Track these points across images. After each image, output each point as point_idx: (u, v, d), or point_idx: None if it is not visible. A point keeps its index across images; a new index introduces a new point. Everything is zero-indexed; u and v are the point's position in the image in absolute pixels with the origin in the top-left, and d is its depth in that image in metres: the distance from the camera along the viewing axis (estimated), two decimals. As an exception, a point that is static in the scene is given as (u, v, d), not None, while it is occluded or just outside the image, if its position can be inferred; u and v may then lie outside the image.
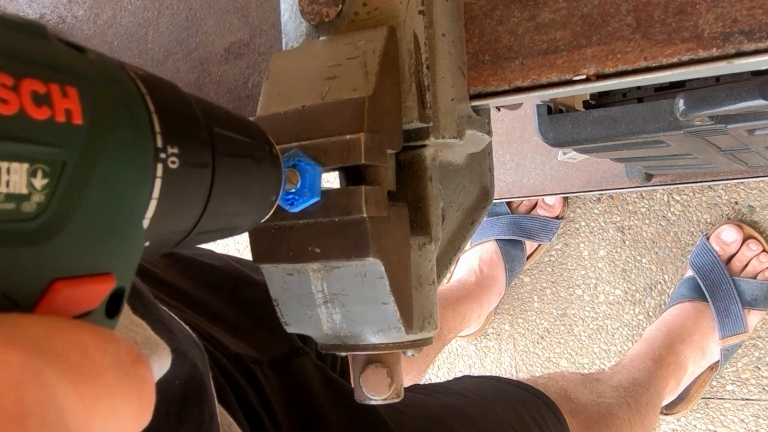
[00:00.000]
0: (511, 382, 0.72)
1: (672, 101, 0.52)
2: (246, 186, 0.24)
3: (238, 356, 0.49)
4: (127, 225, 0.18)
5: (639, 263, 1.14)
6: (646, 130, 0.54)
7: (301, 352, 0.53)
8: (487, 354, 1.27)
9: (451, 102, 0.36)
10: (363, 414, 0.51)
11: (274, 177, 0.26)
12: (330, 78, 0.34)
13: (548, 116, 0.58)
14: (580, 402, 0.77)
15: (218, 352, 0.48)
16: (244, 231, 0.26)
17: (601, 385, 0.85)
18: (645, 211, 1.13)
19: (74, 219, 0.16)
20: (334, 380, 0.53)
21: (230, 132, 0.23)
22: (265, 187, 0.25)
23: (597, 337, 1.18)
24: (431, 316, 0.36)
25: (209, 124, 0.22)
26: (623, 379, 0.90)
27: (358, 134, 0.31)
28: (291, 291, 0.35)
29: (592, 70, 0.34)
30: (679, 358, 1.00)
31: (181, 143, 0.19)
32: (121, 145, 0.17)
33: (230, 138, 0.23)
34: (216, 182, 0.21)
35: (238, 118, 0.24)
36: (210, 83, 0.47)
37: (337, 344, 0.36)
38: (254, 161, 0.24)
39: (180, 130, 0.20)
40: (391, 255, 0.33)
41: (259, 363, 0.50)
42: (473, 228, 0.44)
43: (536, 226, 1.16)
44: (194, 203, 0.21)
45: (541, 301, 1.22)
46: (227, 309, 0.55)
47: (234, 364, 0.48)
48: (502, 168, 1.04)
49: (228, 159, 0.22)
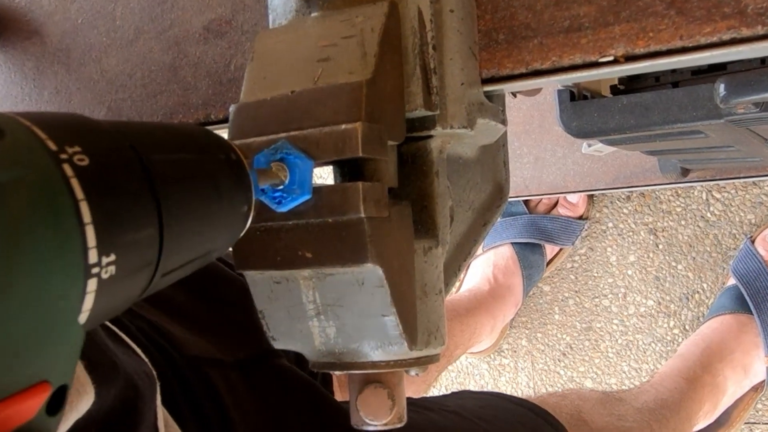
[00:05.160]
0: (515, 401, 0.72)
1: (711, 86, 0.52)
2: (204, 208, 0.23)
3: (196, 359, 0.50)
4: (59, 330, 0.18)
5: (674, 270, 1.14)
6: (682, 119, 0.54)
7: (274, 355, 0.54)
8: (501, 373, 1.27)
9: (460, 87, 0.36)
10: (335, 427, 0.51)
11: (238, 187, 0.25)
12: (323, 60, 0.34)
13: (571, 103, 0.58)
14: (595, 425, 0.76)
15: (176, 354, 0.49)
16: (221, 253, 0.26)
17: (624, 405, 0.85)
18: (681, 211, 1.13)
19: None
20: (311, 388, 0.53)
21: (168, 154, 0.22)
22: (229, 203, 0.25)
23: (626, 353, 1.18)
24: (438, 330, 0.36)
25: (142, 153, 0.21)
26: (650, 399, 0.89)
27: (355, 123, 0.31)
28: (278, 301, 0.35)
29: (620, 51, 0.34)
30: (716, 378, 1.00)
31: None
32: (41, 254, 0.17)
33: (170, 161, 0.22)
34: (166, 219, 0.21)
35: (177, 131, 0.24)
36: (187, 66, 0.47)
37: (331, 362, 0.36)
38: (208, 178, 0.24)
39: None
40: (392, 261, 0.33)
41: (221, 365, 0.51)
42: (486, 230, 0.44)
43: (557, 228, 1.16)
44: (144, 257, 0.21)
45: (562, 313, 1.22)
46: (192, 304, 0.56)
47: (190, 366, 0.49)
48: (518, 162, 1.04)
49: (173, 188, 0.22)
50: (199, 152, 0.24)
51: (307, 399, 0.53)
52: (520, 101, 1.04)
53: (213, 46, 0.46)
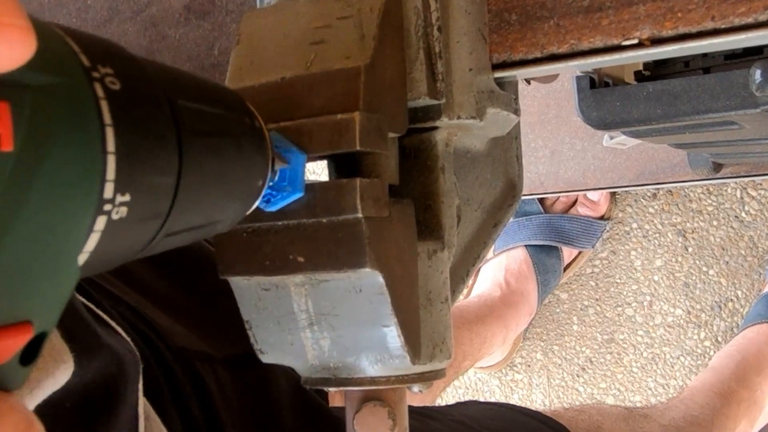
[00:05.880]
0: (528, 413, 0.72)
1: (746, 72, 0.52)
2: (223, 170, 0.24)
3: (183, 351, 0.50)
4: (56, 266, 0.18)
5: (705, 276, 1.14)
6: (714, 109, 0.54)
7: None
8: (514, 390, 1.27)
9: (468, 73, 0.36)
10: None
11: (258, 156, 0.26)
12: (316, 43, 0.34)
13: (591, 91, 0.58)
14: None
15: (162, 344, 0.49)
16: (227, 227, 0.26)
17: (649, 422, 0.85)
18: (713, 211, 1.13)
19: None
20: (304, 391, 0.54)
21: (198, 104, 0.23)
22: (247, 170, 0.25)
23: (652, 368, 1.18)
24: (443, 342, 0.36)
25: (172, 97, 0.22)
26: (678, 416, 0.89)
27: (352, 113, 0.31)
28: (267, 310, 0.35)
29: (645, 33, 0.34)
30: (754, 393, 1.00)
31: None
32: (58, 174, 0.17)
33: (199, 112, 0.23)
34: (185, 171, 0.21)
35: (208, 84, 0.24)
36: (165, 49, 0.47)
37: (326, 378, 0.36)
38: (232, 139, 0.24)
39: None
40: (393, 265, 0.33)
41: (210, 360, 0.52)
42: (497, 231, 0.44)
43: (576, 229, 1.16)
44: (156, 206, 0.21)
45: (582, 323, 1.22)
46: (178, 294, 0.56)
47: (177, 359, 0.49)
48: (533, 156, 1.04)
49: (198, 140, 0.22)
50: (226, 109, 0.24)
51: (298, 402, 0.54)
52: (535, 89, 1.04)
53: (194, 27, 0.46)
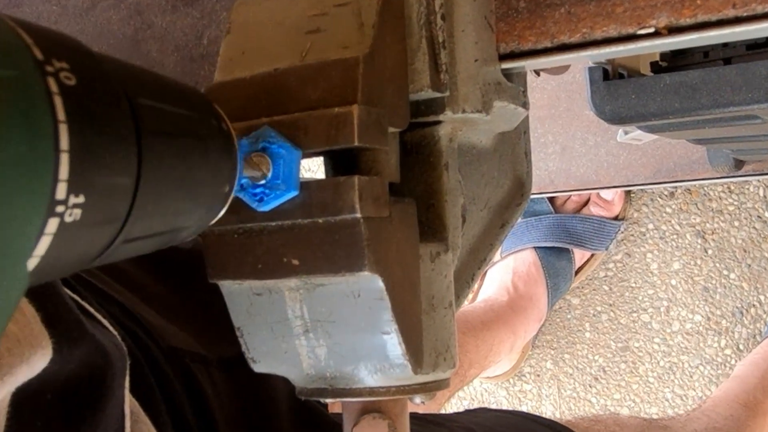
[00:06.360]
0: (541, 422, 0.72)
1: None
2: (186, 174, 0.24)
3: (176, 351, 0.51)
4: (1, 271, 0.18)
5: (726, 279, 1.14)
6: (736, 102, 0.54)
7: None
8: (522, 401, 1.27)
9: (474, 64, 0.36)
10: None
11: (225, 161, 0.26)
12: (312, 31, 0.34)
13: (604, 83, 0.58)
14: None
15: (152, 343, 0.49)
16: (191, 234, 0.26)
17: None
18: (734, 210, 1.13)
19: None
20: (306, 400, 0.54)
21: (160, 103, 0.23)
22: (213, 175, 0.25)
23: (669, 378, 1.18)
24: (447, 350, 0.36)
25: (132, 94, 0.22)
26: (701, 428, 0.89)
27: (350, 107, 0.31)
28: (260, 317, 0.35)
29: (662, 21, 0.34)
30: (781, 404, 1.00)
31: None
32: (5, 172, 0.17)
33: (161, 111, 0.23)
34: (144, 173, 0.21)
35: (171, 82, 0.24)
36: (151, 39, 0.47)
37: (322, 388, 0.36)
38: (196, 141, 0.24)
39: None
40: (393, 268, 0.33)
41: (204, 361, 0.52)
42: (504, 232, 0.44)
43: (588, 230, 1.16)
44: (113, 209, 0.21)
45: (594, 330, 1.22)
46: (170, 294, 0.56)
47: (170, 359, 0.50)
48: (542, 152, 1.04)
49: (159, 140, 0.22)
50: (190, 110, 0.24)
51: (297, 407, 0.54)
52: (545, 81, 1.04)
53: (182, 15, 0.46)
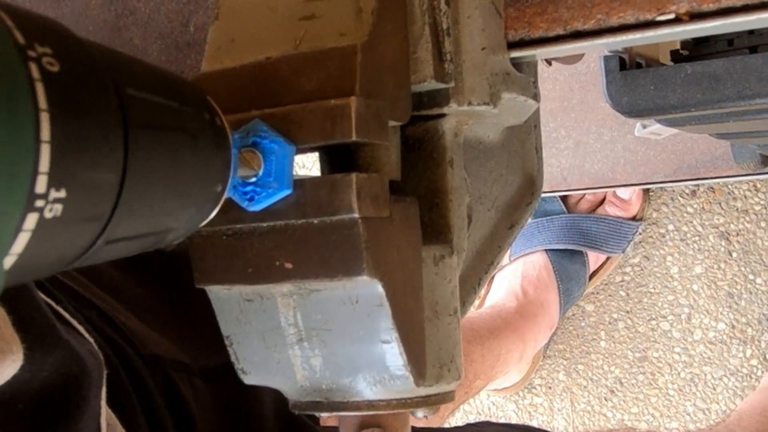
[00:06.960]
0: None
1: (799, 51, 0.52)
2: (175, 171, 0.24)
3: (157, 359, 0.51)
4: None
5: (752, 284, 1.14)
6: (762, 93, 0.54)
7: None
8: (533, 415, 1.27)
9: (480, 52, 0.36)
10: None
11: (218, 158, 0.26)
12: (307, 18, 0.34)
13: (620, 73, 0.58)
14: None
15: (131, 350, 0.50)
16: (180, 237, 0.26)
17: None
18: (760, 210, 1.13)
19: None
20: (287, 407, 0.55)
21: (150, 94, 0.23)
22: (204, 173, 0.25)
23: (691, 390, 1.18)
24: (452, 360, 0.36)
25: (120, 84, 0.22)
26: None
27: (347, 99, 0.31)
28: (250, 325, 0.35)
29: (683, 7, 0.34)
30: (811, 418, 1.00)
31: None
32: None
33: (150, 102, 0.23)
34: (131, 168, 0.21)
35: (163, 72, 0.24)
36: (133, 25, 0.47)
37: (317, 401, 0.36)
38: (187, 135, 0.24)
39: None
40: (394, 272, 0.33)
41: (187, 371, 0.52)
42: (513, 233, 0.44)
43: (604, 231, 1.16)
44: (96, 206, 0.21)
45: (610, 338, 1.22)
46: (152, 298, 0.57)
47: (150, 368, 0.50)
48: (554, 148, 1.04)
49: (147, 133, 0.22)
50: (182, 103, 0.24)
51: (285, 420, 0.54)
52: (557, 71, 1.04)
53: (166, 0, 0.46)
